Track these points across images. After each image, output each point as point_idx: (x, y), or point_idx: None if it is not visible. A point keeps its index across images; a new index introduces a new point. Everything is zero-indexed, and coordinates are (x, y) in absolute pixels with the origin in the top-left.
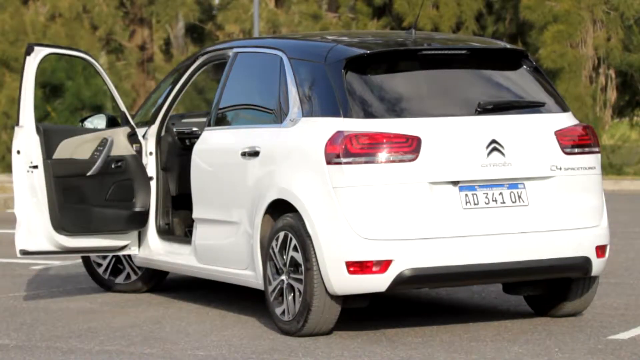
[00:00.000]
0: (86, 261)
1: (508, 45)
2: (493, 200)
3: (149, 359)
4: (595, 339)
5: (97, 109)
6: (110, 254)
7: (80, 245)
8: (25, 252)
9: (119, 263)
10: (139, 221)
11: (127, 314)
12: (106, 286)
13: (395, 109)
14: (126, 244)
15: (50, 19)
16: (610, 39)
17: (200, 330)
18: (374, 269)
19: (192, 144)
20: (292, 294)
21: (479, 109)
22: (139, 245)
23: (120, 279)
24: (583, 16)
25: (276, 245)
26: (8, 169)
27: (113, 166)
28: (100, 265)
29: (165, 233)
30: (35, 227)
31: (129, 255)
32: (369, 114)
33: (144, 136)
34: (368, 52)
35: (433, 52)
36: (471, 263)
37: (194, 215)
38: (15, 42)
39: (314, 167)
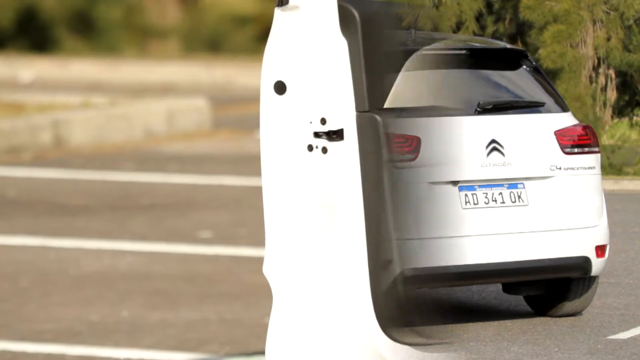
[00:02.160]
0: None
1: (508, 45)
2: (493, 200)
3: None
4: (595, 338)
5: None
6: None
7: None
8: None
9: None
10: None
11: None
12: None
13: (394, 109)
14: None
15: None
16: (610, 39)
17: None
18: None
19: None
20: None
21: (478, 109)
22: None
23: None
24: (583, 16)
25: None
26: None
27: None
28: None
29: None
30: None
31: None
32: None
33: None
34: None
35: (433, 52)
36: (471, 263)
37: None
38: None
39: None
